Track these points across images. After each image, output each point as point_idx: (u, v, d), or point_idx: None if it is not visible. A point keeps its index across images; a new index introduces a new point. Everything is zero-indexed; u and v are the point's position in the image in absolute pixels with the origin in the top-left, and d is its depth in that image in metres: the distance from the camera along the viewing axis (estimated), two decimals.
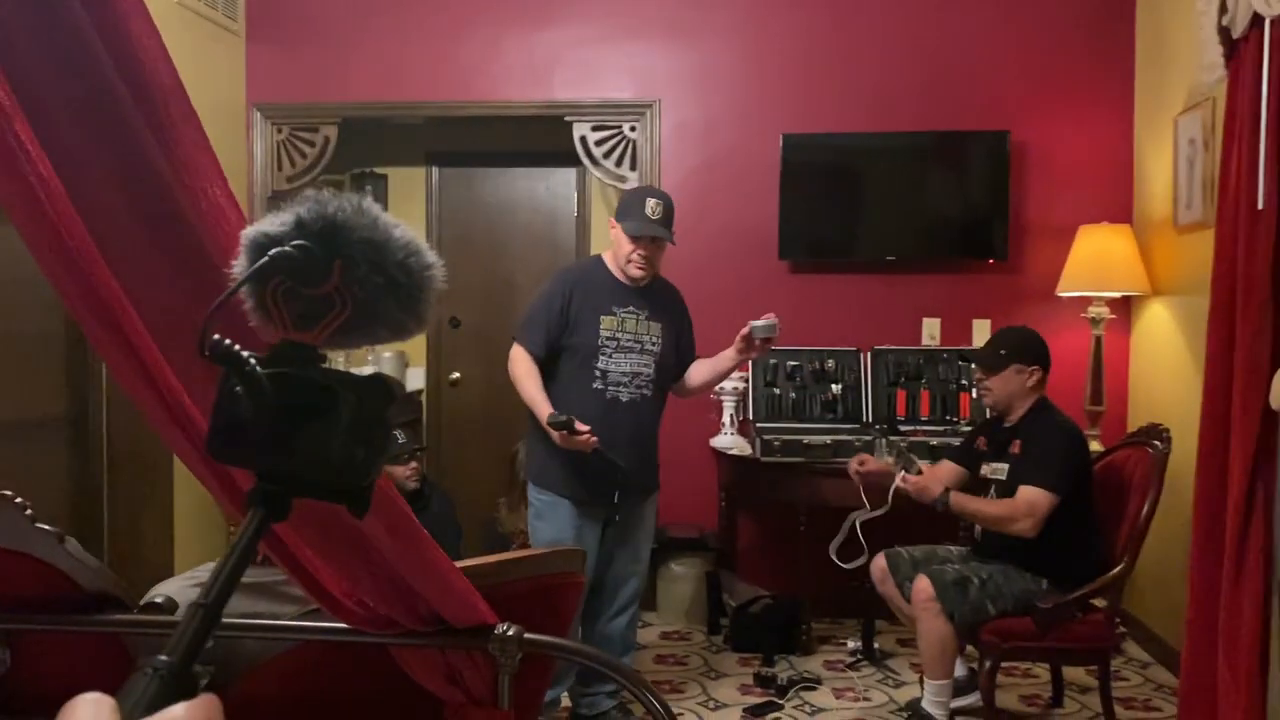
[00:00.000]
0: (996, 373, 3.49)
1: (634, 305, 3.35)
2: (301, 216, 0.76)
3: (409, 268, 0.78)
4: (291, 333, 0.75)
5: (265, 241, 0.76)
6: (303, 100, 5.04)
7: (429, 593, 1.32)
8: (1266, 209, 3.04)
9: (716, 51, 4.89)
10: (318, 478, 0.73)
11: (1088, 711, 3.69)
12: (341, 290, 0.75)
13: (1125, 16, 4.71)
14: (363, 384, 0.74)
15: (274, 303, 0.75)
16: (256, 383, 0.70)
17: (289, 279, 0.74)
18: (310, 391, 0.72)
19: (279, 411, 0.71)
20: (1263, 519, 3.04)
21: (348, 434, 0.72)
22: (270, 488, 0.72)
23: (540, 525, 3.35)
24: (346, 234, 0.76)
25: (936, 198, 4.80)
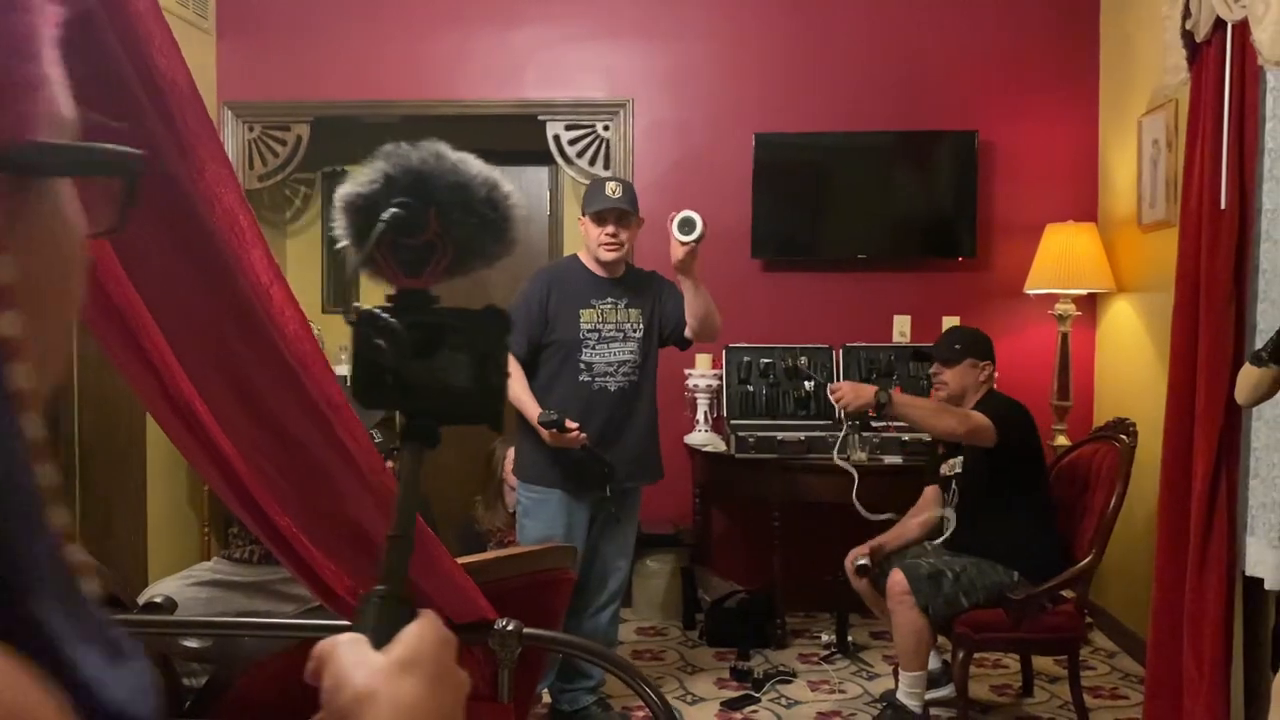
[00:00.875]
0: (953, 366, 3.58)
1: (612, 296, 3.41)
2: (390, 173, 0.81)
3: (494, 201, 0.83)
4: (403, 280, 0.81)
5: (361, 202, 0.82)
6: (274, 99, 5.01)
7: (432, 588, 1.34)
8: (1229, 209, 3.12)
9: (689, 51, 4.92)
10: (458, 406, 0.81)
11: (1057, 700, 3.77)
12: (440, 235, 0.81)
13: (1090, 19, 4.80)
14: (480, 317, 0.81)
15: (381, 257, 0.80)
16: (395, 333, 0.77)
17: (390, 233, 0.80)
18: (437, 331, 0.79)
19: (417, 354, 0.78)
20: (1226, 512, 3.13)
21: (478, 363, 0.80)
22: (421, 423, 0.80)
23: (529, 523, 3.37)
24: (434, 182, 0.81)
25: (907, 197, 4.87)
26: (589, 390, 3.34)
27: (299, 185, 6.06)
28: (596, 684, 3.50)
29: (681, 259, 3.22)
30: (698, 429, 4.69)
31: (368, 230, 0.82)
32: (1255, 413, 3.10)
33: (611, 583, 3.50)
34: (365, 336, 0.79)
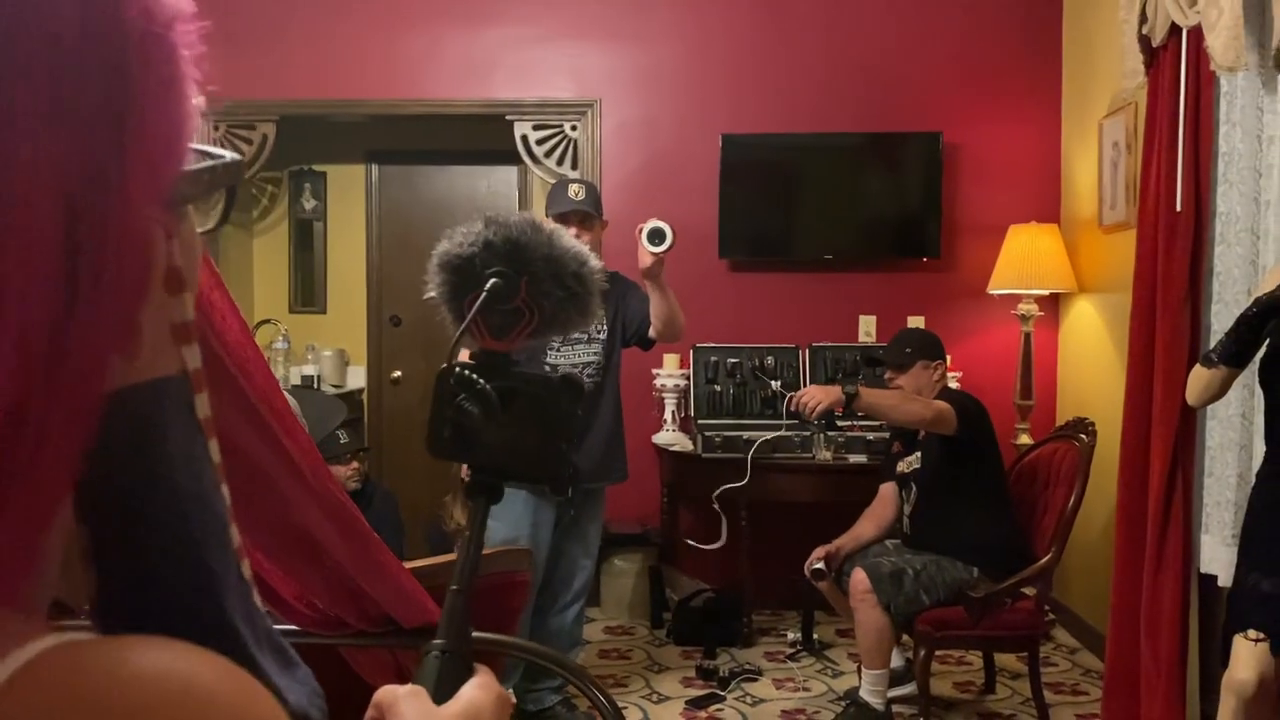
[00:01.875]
0: (906, 370, 3.62)
1: None
2: (489, 239, 0.87)
3: (582, 277, 0.88)
4: (489, 343, 0.87)
5: (459, 263, 0.88)
6: (239, 97, 4.98)
7: (380, 593, 1.35)
8: (1184, 211, 3.17)
9: (656, 52, 4.93)
10: (524, 466, 0.87)
11: (1019, 697, 3.81)
12: (529, 303, 0.86)
13: (1052, 24, 4.84)
14: (556, 385, 0.86)
15: (474, 319, 0.86)
16: (487, 398, 0.82)
17: (488, 300, 0.86)
18: (515, 394, 0.84)
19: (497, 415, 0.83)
20: (1182, 510, 3.17)
21: (549, 428, 0.85)
22: (487, 479, 0.86)
23: (494, 524, 3.34)
24: (529, 252, 0.86)
25: (872, 197, 4.90)
26: None
27: (266, 184, 6.04)
28: (561, 684, 3.51)
29: (650, 267, 3.22)
30: (665, 428, 4.71)
31: (461, 289, 0.88)
32: (1209, 412, 3.14)
33: (576, 582, 3.50)
34: (451, 394, 0.84)
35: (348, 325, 6.06)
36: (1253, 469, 2.99)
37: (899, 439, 3.77)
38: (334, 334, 6.02)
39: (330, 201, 6.10)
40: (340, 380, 5.89)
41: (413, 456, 5.73)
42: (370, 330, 6.11)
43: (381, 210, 6.10)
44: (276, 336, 5.69)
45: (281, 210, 6.11)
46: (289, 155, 5.68)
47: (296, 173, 6.06)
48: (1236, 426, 3.07)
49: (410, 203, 6.10)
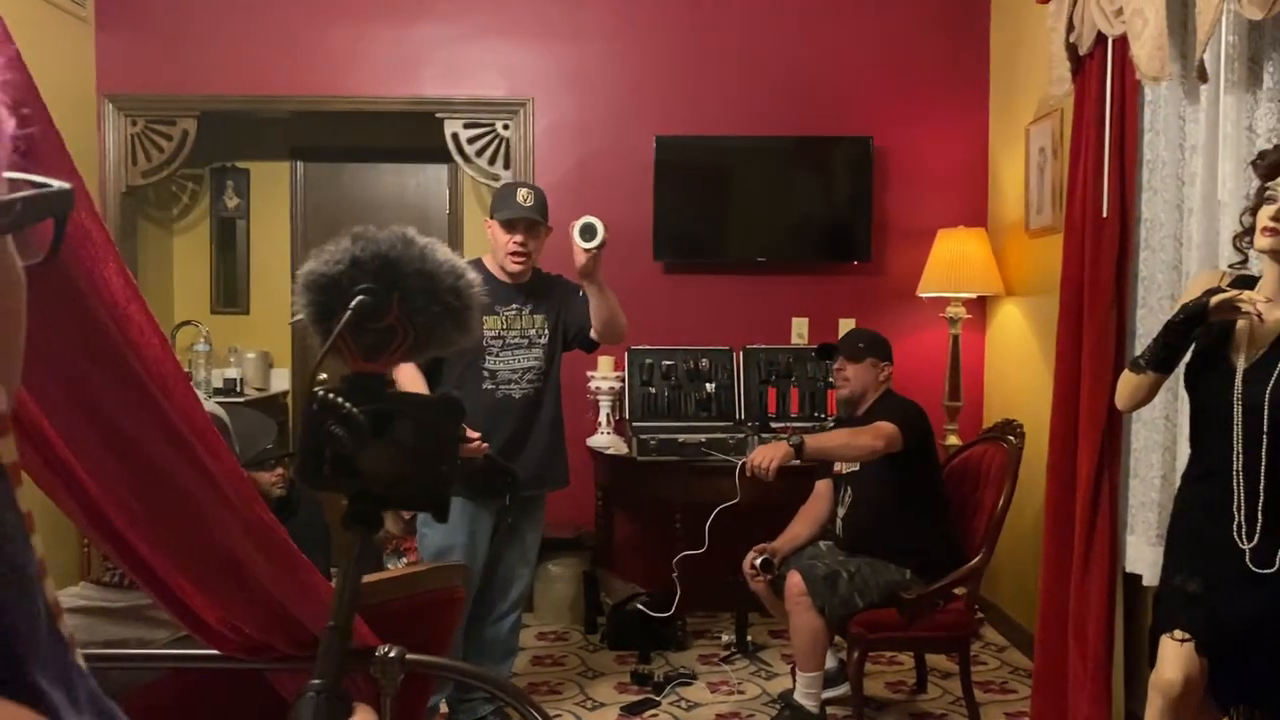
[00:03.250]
0: (858, 362, 3.63)
1: (516, 302, 3.36)
2: (356, 255, 0.82)
3: (459, 291, 0.85)
4: (360, 364, 0.82)
5: (325, 282, 0.83)
6: (159, 92, 4.82)
7: (306, 616, 1.29)
8: (1110, 217, 3.22)
9: (589, 52, 4.89)
10: (403, 493, 0.83)
11: (949, 696, 3.85)
12: (402, 321, 0.82)
13: (980, 30, 4.91)
14: (434, 405, 0.83)
15: (342, 339, 0.81)
16: (355, 422, 0.78)
17: (355, 318, 0.81)
18: (390, 417, 0.80)
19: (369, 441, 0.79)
20: (1108, 510, 3.23)
21: (427, 450, 0.81)
22: (364, 507, 0.82)
23: (429, 532, 3.30)
24: (400, 268, 0.82)
25: (804, 200, 4.92)
26: (493, 398, 3.28)
27: (186, 181, 5.86)
28: None
29: (584, 264, 3.19)
30: (600, 431, 4.67)
31: (329, 310, 0.83)
32: (1134, 415, 3.20)
33: (513, 591, 3.45)
34: (320, 420, 0.80)
35: (272, 326, 5.91)
36: (1176, 470, 3.06)
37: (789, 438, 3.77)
38: (258, 335, 5.86)
39: (253, 199, 5.95)
40: (264, 383, 5.74)
41: None
42: (295, 332, 5.96)
43: (307, 209, 5.97)
44: (198, 338, 5.53)
45: (203, 208, 5.94)
46: (210, 152, 5.53)
47: (218, 170, 5.89)
48: (1160, 429, 3.13)
49: (336, 201, 5.97)
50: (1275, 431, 2.18)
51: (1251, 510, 2.23)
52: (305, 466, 0.81)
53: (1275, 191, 2.19)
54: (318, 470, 0.82)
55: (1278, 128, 2.60)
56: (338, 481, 0.82)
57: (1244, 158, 2.70)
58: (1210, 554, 2.31)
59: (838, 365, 3.71)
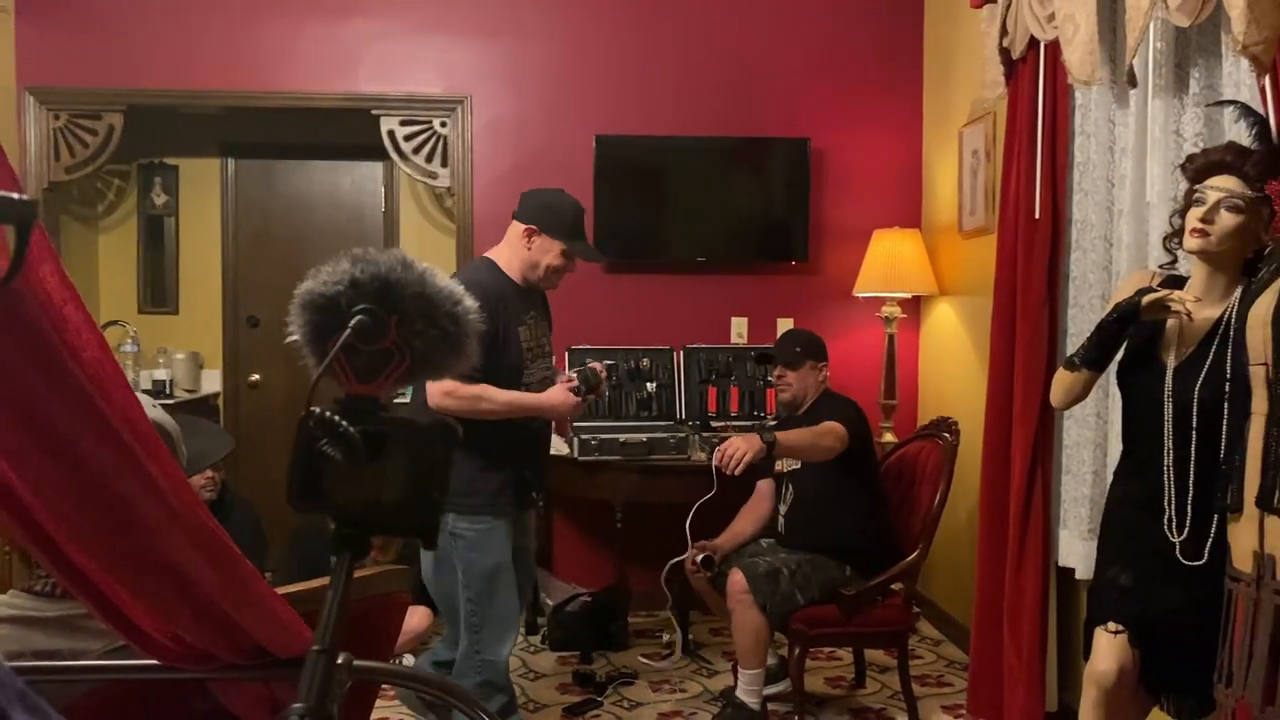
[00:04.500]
0: (797, 368, 3.67)
1: (533, 310, 3.20)
2: (356, 277, 0.81)
3: (456, 317, 0.84)
4: (355, 386, 0.81)
5: (322, 302, 0.82)
6: (83, 85, 4.69)
7: (251, 623, 1.26)
8: (1042, 218, 3.29)
9: (527, 50, 4.86)
10: (392, 518, 0.81)
11: (888, 690, 3.90)
12: (399, 344, 0.81)
13: (914, 34, 4.98)
14: (427, 430, 0.81)
15: (337, 360, 0.80)
16: (350, 442, 0.77)
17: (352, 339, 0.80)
18: (383, 441, 0.78)
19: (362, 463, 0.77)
20: (1041, 506, 3.30)
21: (419, 476, 0.79)
22: (351, 532, 0.80)
23: (475, 557, 3.06)
24: (399, 291, 0.81)
25: (742, 201, 4.95)
26: None
27: (112, 178, 5.71)
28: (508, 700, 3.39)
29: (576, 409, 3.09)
30: None
31: (325, 330, 0.82)
32: (1066, 412, 3.28)
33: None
34: (313, 439, 0.78)
35: (202, 326, 5.79)
36: (1107, 466, 3.14)
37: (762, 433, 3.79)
38: (187, 336, 5.73)
39: (183, 196, 5.81)
40: (194, 384, 5.61)
41: (272, 465, 5.50)
42: (226, 332, 5.84)
43: (238, 206, 5.85)
44: (125, 339, 5.39)
45: (130, 205, 5.79)
46: (138, 147, 5.39)
47: (146, 166, 5.75)
48: (1092, 425, 3.21)
49: (269, 199, 5.86)
50: (1204, 427, 2.25)
51: (1181, 504, 2.29)
52: (295, 486, 0.80)
53: (1203, 194, 2.25)
54: (308, 491, 0.80)
55: (1204, 132, 2.67)
56: (325, 503, 0.80)
57: (1172, 161, 2.77)
58: (1142, 547, 2.37)
59: (778, 373, 3.74)
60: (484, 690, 3.13)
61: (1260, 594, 2.00)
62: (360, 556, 0.81)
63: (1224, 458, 2.18)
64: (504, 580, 3.09)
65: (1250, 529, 2.04)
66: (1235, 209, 2.22)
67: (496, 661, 3.10)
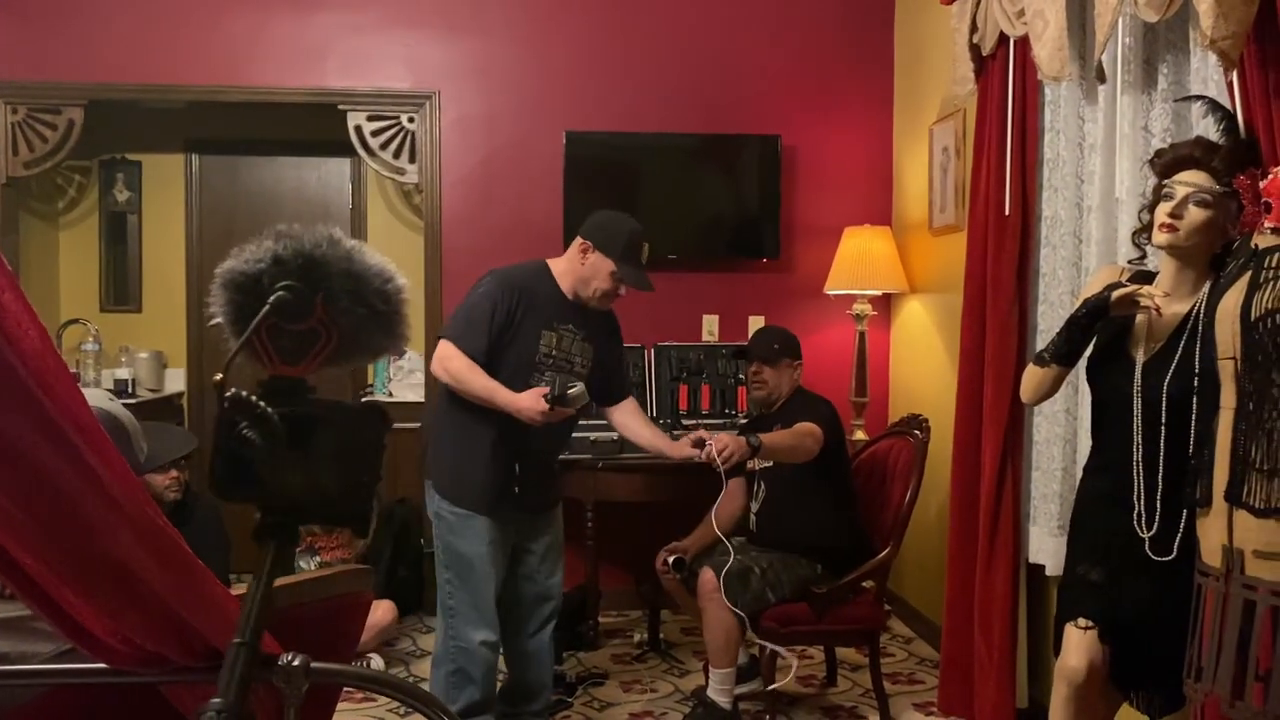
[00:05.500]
0: (775, 365, 3.65)
1: (574, 323, 3.13)
2: (279, 254, 0.78)
3: (387, 295, 0.81)
4: (280, 367, 0.78)
5: (244, 280, 0.79)
6: (42, 78, 4.60)
7: (203, 625, 1.22)
8: (1012, 214, 3.29)
9: (496, 46, 4.82)
10: (320, 505, 0.78)
11: (859, 688, 3.89)
12: (325, 323, 0.78)
13: (884, 32, 4.98)
14: (357, 413, 0.78)
15: (259, 340, 0.77)
16: (269, 424, 0.73)
17: (273, 316, 0.76)
18: (310, 424, 0.75)
19: (284, 447, 0.74)
20: (1012, 502, 3.30)
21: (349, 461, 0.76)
22: (277, 519, 0.78)
23: (453, 540, 3.10)
24: (325, 268, 0.78)
25: (713, 198, 4.93)
26: None
27: (73, 174, 5.61)
28: (543, 707, 3.34)
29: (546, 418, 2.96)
30: None
31: (248, 310, 0.79)
32: (1036, 408, 3.28)
33: (549, 604, 3.31)
34: (232, 423, 0.75)
35: (165, 325, 5.70)
36: (1076, 462, 3.14)
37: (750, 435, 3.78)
38: (150, 334, 5.64)
39: (145, 193, 5.72)
40: (158, 384, 5.52)
41: None
42: (190, 330, 5.75)
43: (203, 203, 5.76)
44: (86, 337, 5.30)
45: (91, 202, 5.69)
46: (99, 143, 5.30)
47: (108, 162, 5.65)
48: (1061, 421, 3.21)
49: (234, 195, 5.78)
50: (1173, 422, 2.24)
51: (1151, 500, 2.29)
52: (216, 474, 0.77)
53: (1172, 189, 2.25)
54: (229, 478, 0.77)
55: (1172, 127, 2.68)
56: (250, 491, 0.77)
57: (1140, 156, 2.77)
58: (1111, 543, 2.36)
59: (754, 369, 3.72)
60: (456, 679, 3.12)
61: (1229, 588, 2.00)
62: (288, 545, 0.77)
63: (1193, 453, 2.18)
64: (480, 571, 3.09)
65: (1219, 523, 2.04)
66: (1203, 204, 2.22)
67: (469, 649, 3.10)
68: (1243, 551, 1.99)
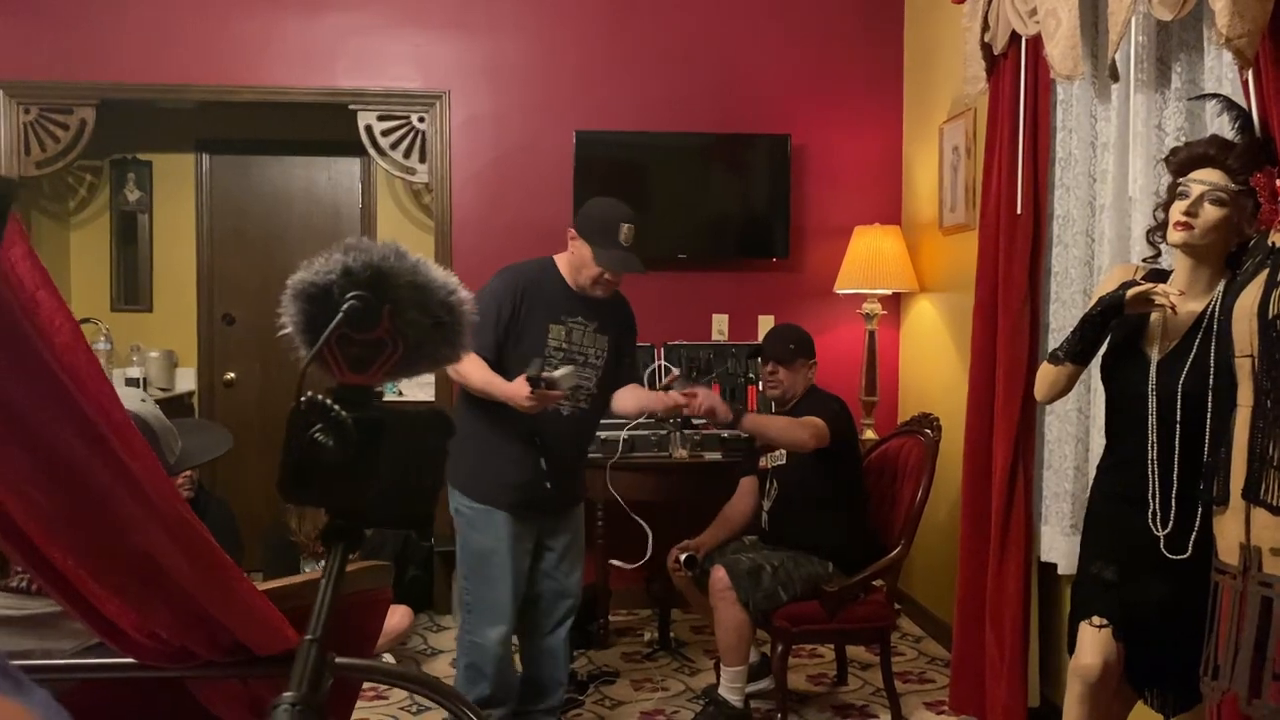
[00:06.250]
0: (790, 365, 3.65)
1: (583, 316, 3.14)
2: (349, 265, 0.80)
3: (450, 306, 0.83)
4: (349, 376, 0.80)
5: (314, 291, 0.81)
6: (55, 79, 4.61)
7: (230, 620, 1.22)
8: (1024, 214, 3.29)
9: (506, 45, 4.83)
10: (384, 508, 0.80)
11: (870, 687, 3.89)
12: (392, 333, 0.80)
13: (894, 30, 4.98)
14: (422, 419, 0.80)
15: (329, 349, 0.79)
16: (344, 428, 0.76)
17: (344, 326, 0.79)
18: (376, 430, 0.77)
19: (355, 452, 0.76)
20: (1024, 501, 3.29)
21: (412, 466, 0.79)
22: (344, 523, 0.79)
23: (472, 535, 3.13)
24: (392, 280, 0.81)
25: (723, 198, 4.93)
26: (543, 411, 3.00)
27: (84, 173, 5.63)
28: (555, 707, 3.35)
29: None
30: None
31: (318, 320, 0.81)
32: (1048, 407, 3.28)
33: (566, 601, 3.33)
34: (306, 427, 0.77)
35: (176, 324, 5.72)
36: (1089, 461, 3.14)
37: (732, 404, 3.79)
38: (161, 334, 5.66)
39: (156, 192, 5.74)
40: (169, 383, 5.54)
41: (248, 464, 5.42)
42: (201, 329, 5.78)
43: (213, 202, 5.78)
44: (97, 337, 5.32)
45: (102, 201, 5.71)
46: (111, 143, 5.32)
47: (119, 161, 5.67)
48: (1073, 420, 3.21)
49: (244, 195, 5.79)
50: (1188, 421, 2.24)
51: (1166, 498, 2.29)
52: (287, 477, 0.78)
53: (1187, 187, 2.25)
54: (298, 481, 0.78)
55: (1186, 126, 2.67)
56: (317, 494, 0.78)
57: (1154, 155, 2.77)
58: (1126, 541, 2.36)
59: (769, 369, 3.72)
60: (470, 674, 3.17)
61: (1246, 586, 2.00)
62: (353, 548, 0.79)
63: (1209, 451, 2.18)
64: (497, 566, 3.11)
65: (1236, 521, 2.04)
66: (1219, 202, 2.22)
67: (484, 645, 3.13)
68: (1260, 549, 1.99)
